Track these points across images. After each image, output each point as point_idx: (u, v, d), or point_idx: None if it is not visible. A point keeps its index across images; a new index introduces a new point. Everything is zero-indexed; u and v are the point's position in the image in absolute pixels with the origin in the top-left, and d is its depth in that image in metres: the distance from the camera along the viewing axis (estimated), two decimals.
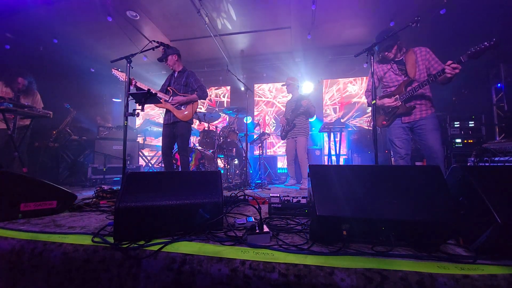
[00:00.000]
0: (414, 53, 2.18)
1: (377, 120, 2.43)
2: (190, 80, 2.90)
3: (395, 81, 2.30)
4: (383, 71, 2.36)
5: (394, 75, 2.30)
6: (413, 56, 2.17)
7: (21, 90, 3.69)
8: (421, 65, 2.15)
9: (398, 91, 2.24)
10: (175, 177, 1.39)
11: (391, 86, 2.34)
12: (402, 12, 4.19)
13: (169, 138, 2.86)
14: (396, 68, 2.28)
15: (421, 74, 2.15)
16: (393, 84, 2.32)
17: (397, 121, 2.29)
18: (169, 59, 2.87)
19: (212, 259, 0.96)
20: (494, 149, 3.00)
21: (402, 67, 2.24)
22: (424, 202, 1.03)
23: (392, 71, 2.30)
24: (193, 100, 2.85)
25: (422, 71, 2.15)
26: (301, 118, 3.57)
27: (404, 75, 2.24)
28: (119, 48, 5.36)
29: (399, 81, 2.27)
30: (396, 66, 2.28)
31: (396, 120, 2.29)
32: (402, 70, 2.25)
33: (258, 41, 5.57)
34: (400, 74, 2.26)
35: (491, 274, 0.82)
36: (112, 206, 1.96)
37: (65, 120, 4.51)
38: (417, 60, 2.16)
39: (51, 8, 4.18)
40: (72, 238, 1.18)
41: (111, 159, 4.32)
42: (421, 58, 2.15)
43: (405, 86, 2.19)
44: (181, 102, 2.79)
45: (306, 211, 1.57)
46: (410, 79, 2.17)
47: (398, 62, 2.28)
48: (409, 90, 2.13)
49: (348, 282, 0.83)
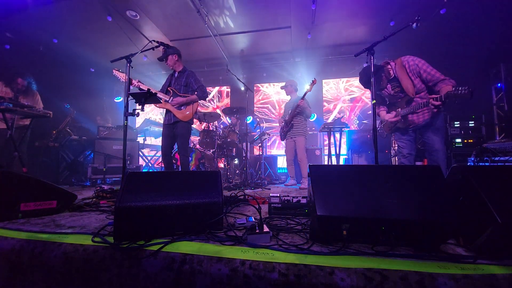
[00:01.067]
0: (403, 67, 2.11)
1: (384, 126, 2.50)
2: (190, 81, 2.90)
3: (394, 98, 2.33)
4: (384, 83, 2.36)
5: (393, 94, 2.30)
6: (403, 70, 2.11)
7: (21, 90, 3.69)
8: (413, 76, 2.09)
9: (400, 106, 2.26)
10: (175, 177, 1.39)
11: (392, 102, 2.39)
12: (402, 12, 4.19)
13: (169, 138, 2.86)
14: (390, 89, 2.28)
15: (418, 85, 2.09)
16: (392, 100, 2.37)
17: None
18: (169, 59, 2.87)
19: (212, 259, 0.96)
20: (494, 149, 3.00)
21: (397, 84, 2.21)
22: (424, 201, 1.03)
23: (387, 91, 2.32)
24: (193, 100, 2.86)
25: (418, 83, 2.10)
26: (299, 118, 3.59)
27: (401, 92, 2.22)
28: (119, 48, 5.36)
29: (397, 98, 2.29)
30: (390, 87, 2.27)
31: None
32: (398, 87, 2.22)
33: (258, 41, 5.57)
34: (397, 92, 2.25)
35: (491, 274, 0.82)
36: (112, 206, 1.96)
37: (65, 120, 4.50)
38: (409, 75, 2.10)
39: (51, 8, 4.18)
40: (72, 238, 1.18)
41: (111, 159, 4.31)
42: (409, 70, 2.09)
43: (406, 103, 2.19)
44: (181, 103, 2.80)
45: (306, 211, 1.57)
46: (408, 98, 2.15)
47: (392, 80, 2.25)
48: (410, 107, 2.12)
49: (348, 282, 0.83)
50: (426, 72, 2.02)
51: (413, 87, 2.09)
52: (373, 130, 1.97)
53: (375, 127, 1.97)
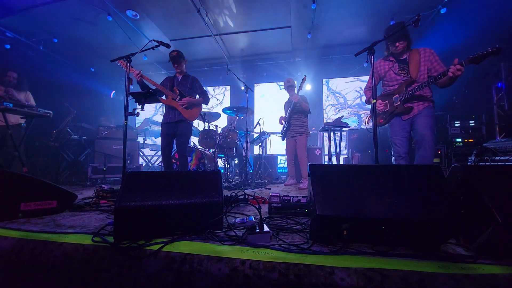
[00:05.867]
0: (418, 53, 2.16)
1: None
2: (195, 85, 3.05)
3: (394, 80, 2.30)
4: (384, 70, 2.36)
5: (394, 74, 2.29)
6: (417, 56, 2.16)
7: (12, 83, 3.63)
8: (423, 65, 2.14)
9: (398, 91, 2.23)
10: (175, 177, 1.39)
11: (391, 85, 2.34)
12: (402, 11, 4.18)
13: (170, 137, 2.88)
14: (396, 68, 2.28)
15: (422, 75, 2.14)
16: (393, 83, 2.32)
17: (397, 119, 2.28)
18: (181, 63, 3.00)
19: (212, 258, 0.96)
20: (494, 149, 2.99)
21: (405, 66, 2.23)
22: (424, 201, 1.03)
23: (393, 70, 2.29)
24: (202, 103, 3.03)
25: (423, 72, 2.14)
26: (299, 116, 3.53)
27: (404, 75, 2.23)
28: (119, 48, 5.36)
29: (398, 81, 2.27)
30: (397, 66, 2.28)
31: (395, 118, 2.29)
32: (403, 70, 2.24)
33: (258, 41, 5.57)
34: (400, 73, 2.26)
35: (492, 274, 0.82)
36: (112, 205, 1.96)
37: (65, 120, 4.50)
38: (420, 61, 2.15)
39: (51, 8, 4.18)
40: (72, 238, 1.18)
41: (111, 158, 4.31)
42: (424, 59, 2.14)
43: (406, 86, 2.18)
44: (191, 103, 2.89)
45: (306, 210, 1.57)
46: (411, 80, 2.16)
47: (401, 61, 2.27)
48: (409, 90, 2.13)
49: (348, 281, 0.83)
50: (437, 62, 2.10)
51: (417, 72, 2.14)
52: (373, 130, 1.97)
53: (375, 127, 1.97)
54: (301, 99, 3.42)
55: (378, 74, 2.41)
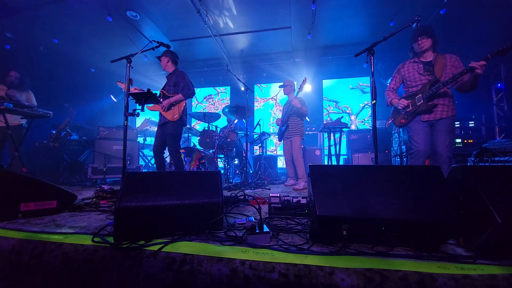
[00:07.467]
0: (445, 58, 2.20)
1: (396, 119, 2.44)
2: (178, 80, 2.92)
3: (418, 80, 2.30)
4: (408, 71, 2.36)
5: (418, 74, 2.30)
6: (443, 60, 2.20)
7: (14, 83, 3.64)
8: (449, 69, 2.17)
9: (422, 90, 2.24)
10: (175, 177, 1.39)
11: (414, 86, 2.33)
12: (402, 12, 4.19)
13: (160, 139, 2.90)
14: (422, 68, 2.28)
15: (446, 77, 2.15)
16: (416, 83, 2.31)
17: (417, 119, 2.29)
18: (162, 59, 2.95)
19: (212, 259, 0.96)
20: (494, 149, 3.00)
21: (430, 67, 2.25)
22: (424, 202, 1.03)
23: (417, 70, 2.30)
24: (178, 100, 2.84)
25: (448, 75, 2.15)
26: (295, 118, 3.55)
27: (429, 75, 2.24)
28: (119, 48, 5.36)
29: (422, 81, 2.27)
30: (422, 67, 2.29)
31: (416, 118, 2.29)
32: (428, 71, 2.25)
33: (258, 41, 5.57)
34: (424, 74, 2.26)
35: (491, 274, 0.82)
36: (112, 206, 1.96)
37: (65, 120, 4.50)
38: (446, 64, 2.18)
39: (51, 8, 4.18)
40: (72, 238, 1.18)
41: (111, 159, 4.31)
42: (450, 63, 2.17)
43: (430, 86, 2.19)
44: (168, 104, 2.81)
45: (306, 211, 1.57)
46: (435, 79, 2.17)
47: (426, 63, 2.28)
48: (433, 88, 2.14)
49: (348, 282, 0.83)
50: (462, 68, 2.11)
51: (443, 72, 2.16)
52: (373, 130, 1.98)
53: (375, 127, 1.97)
54: (300, 102, 3.42)
55: (402, 76, 2.42)
